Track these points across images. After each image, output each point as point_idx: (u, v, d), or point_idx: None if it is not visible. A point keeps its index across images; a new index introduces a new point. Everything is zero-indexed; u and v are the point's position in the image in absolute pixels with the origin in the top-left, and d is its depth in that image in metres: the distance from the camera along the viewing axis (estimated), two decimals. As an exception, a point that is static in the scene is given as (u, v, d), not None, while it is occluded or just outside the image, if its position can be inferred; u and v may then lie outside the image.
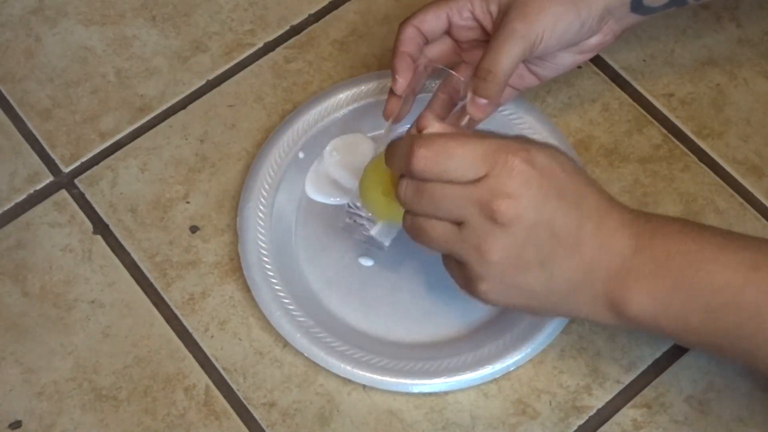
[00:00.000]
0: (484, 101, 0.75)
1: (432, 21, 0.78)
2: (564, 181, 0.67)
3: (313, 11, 0.92)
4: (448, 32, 0.79)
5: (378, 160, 0.74)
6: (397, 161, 0.69)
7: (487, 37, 0.78)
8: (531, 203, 0.66)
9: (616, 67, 0.88)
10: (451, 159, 0.66)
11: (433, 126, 0.70)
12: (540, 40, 0.75)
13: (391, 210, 0.73)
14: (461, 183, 0.66)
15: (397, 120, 0.78)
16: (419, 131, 0.70)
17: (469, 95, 0.75)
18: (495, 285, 0.68)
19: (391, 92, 0.78)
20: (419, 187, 0.68)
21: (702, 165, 0.84)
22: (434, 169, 0.67)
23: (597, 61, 0.87)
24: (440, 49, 0.80)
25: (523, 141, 0.69)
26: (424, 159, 0.67)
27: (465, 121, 0.76)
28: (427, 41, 0.79)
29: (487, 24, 0.78)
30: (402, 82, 0.78)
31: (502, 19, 0.76)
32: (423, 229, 0.69)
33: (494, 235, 0.66)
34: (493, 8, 0.77)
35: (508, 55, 0.74)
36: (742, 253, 0.67)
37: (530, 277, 0.68)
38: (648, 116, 0.86)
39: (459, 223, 0.67)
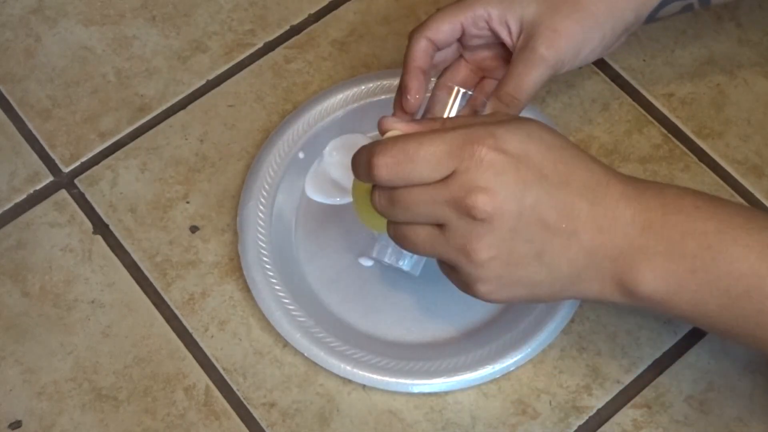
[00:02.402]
0: None
1: (447, 32, 0.76)
2: (544, 161, 0.63)
3: (313, 11, 0.92)
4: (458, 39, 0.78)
5: None
6: (361, 173, 0.66)
7: (495, 43, 0.77)
8: (509, 193, 0.62)
9: (616, 67, 0.88)
10: (413, 162, 0.63)
11: (395, 127, 0.66)
12: (564, 64, 0.74)
13: (383, 220, 0.70)
14: (431, 184, 0.63)
15: None
16: (382, 134, 0.67)
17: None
18: (493, 284, 0.65)
19: (400, 108, 0.76)
20: (390, 196, 0.65)
21: (702, 165, 0.84)
22: (398, 176, 0.63)
23: (597, 61, 0.87)
24: (444, 54, 0.78)
25: (493, 122, 0.64)
26: (385, 167, 0.63)
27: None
28: (438, 50, 0.77)
29: (504, 36, 0.75)
30: (413, 102, 0.75)
31: (526, 40, 0.74)
32: (407, 237, 0.66)
33: (477, 234, 0.63)
34: (512, 23, 0.75)
35: (534, 83, 0.73)
36: (766, 235, 0.62)
37: (529, 271, 0.65)
38: (648, 116, 0.86)
39: (441, 226, 0.64)
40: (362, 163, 0.65)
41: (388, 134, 0.67)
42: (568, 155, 0.64)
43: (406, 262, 0.75)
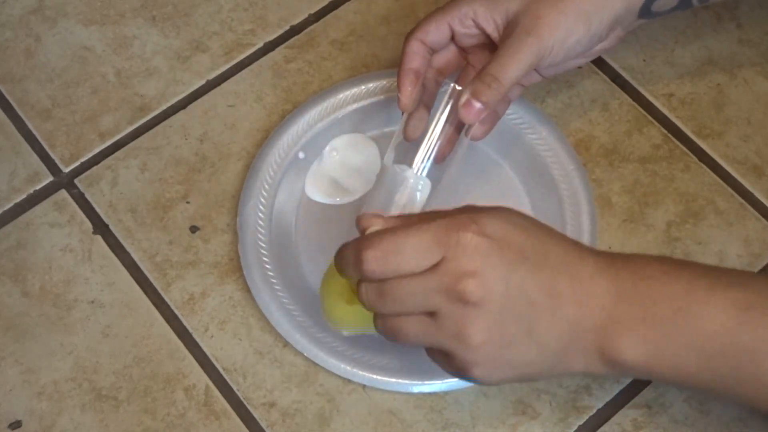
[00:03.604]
0: (479, 105, 0.73)
1: (434, 33, 0.77)
2: (523, 243, 0.64)
3: (313, 11, 0.92)
4: (453, 40, 0.79)
5: (333, 270, 0.71)
6: (348, 269, 0.66)
7: (491, 41, 0.77)
8: (496, 275, 0.63)
9: (616, 67, 0.88)
10: (402, 253, 0.63)
11: (376, 224, 0.67)
12: (549, 53, 0.74)
13: (358, 319, 0.70)
14: (420, 274, 0.64)
15: (411, 137, 0.78)
16: (362, 232, 0.67)
17: (465, 97, 0.73)
18: (487, 367, 0.66)
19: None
20: (380, 289, 0.65)
21: (702, 165, 0.84)
22: (388, 268, 0.64)
23: (597, 61, 0.87)
24: (446, 57, 0.79)
25: (471, 212, 0.66)
26: (375, 260, 0.64)
27: (466, 141, 0.76)
28: (433, 52, 0.78)
29: (491, 31, 0.76)
30: (405, 101, 0.76)
31: (512, 29, 0.74)
32: (397, 329, 0.66)
33: (470, 318, 0.63)
34: (498, 17, 0.75)
35: (516, 65, 0.73)
36: (732, 292, 0.64)
37: (520, 350, 0.65)
38: (648, 116, 0.86)
39: (432, 314, 0.65)
40: (349, 258, 0.65)
41: (369, 230, 0.67)
42: (543, 236, 0.66)
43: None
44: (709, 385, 0.66)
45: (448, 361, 0.67)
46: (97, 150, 0.86)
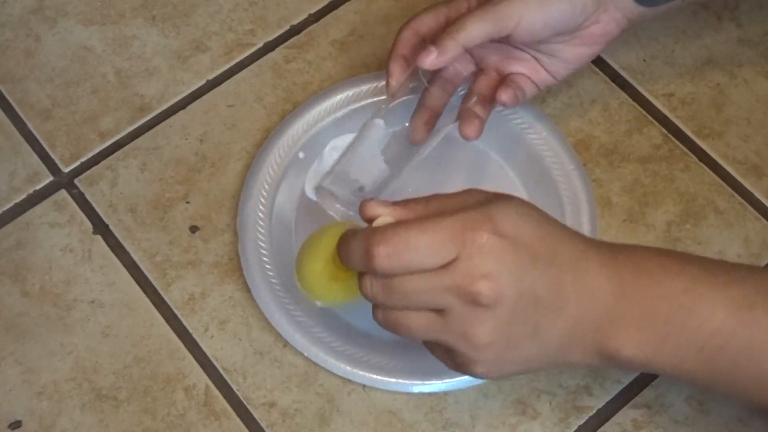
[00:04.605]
0: (434, 51, 0.73)
1: (430, 22, 0.78)
2: (534, 241, 0.64)
3: (313, 11, 0.92)
4: None
5: (316, 243, 0.70)
6: (354, 262, 0.64)
7: (497, 41, 0.77)
8: (510, 278, 0.62)
9: (616, 67, 0.88)
10: (415, 250, 0.62)
11: (383, 214, 0.65)
12: (518, 20, 0.74)
13: (339, 295, 0.70)
14: (431, 271, 0.62)
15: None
16: (368, 221, 0.66)
17: (428, 47, 0.74)
18: (488, 365, 0.65)
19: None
20: (387, 284, 0.63)
21: (702, 165, 0.84)
22: (400, 265, 0.62)
23: (597, 61, 0.88)
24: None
25: (481, 205, 0.64)
26: (386, 257, 0.62)
27: (472, 101, 0.78)
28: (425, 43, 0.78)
29: None
30: (394, 85, 0.77)
31: None
32: (400, 323, 0.65)
33: (480, 319, 0.63)
34: None
35: (481, 18, 0.74)
36: (732, 290, 0.64)
37: (523, 350, 0.65)
38: (648, 116, 0.86)
39: (439, 311, 0.63)
40: (357, 252, 0.64)
41: (378, 221, 0.65)
42: (552, 229, 0.66)
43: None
44: (708, 383, 0.66)
45: (449, 357, 0.66)
46: (97, 150, 0.86)
